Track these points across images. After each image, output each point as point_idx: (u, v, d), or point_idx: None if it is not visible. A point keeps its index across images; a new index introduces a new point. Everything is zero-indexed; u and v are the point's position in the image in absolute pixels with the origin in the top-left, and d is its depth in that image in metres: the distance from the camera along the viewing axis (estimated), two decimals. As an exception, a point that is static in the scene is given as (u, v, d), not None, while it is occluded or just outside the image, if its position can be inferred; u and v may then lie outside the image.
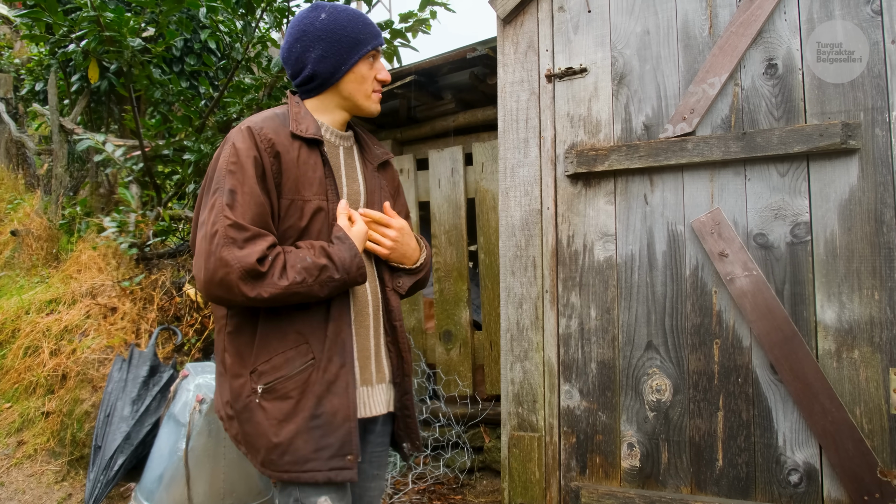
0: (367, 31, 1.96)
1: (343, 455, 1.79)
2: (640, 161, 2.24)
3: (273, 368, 1.81)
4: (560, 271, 2.41)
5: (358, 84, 1.97)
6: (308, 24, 1.96)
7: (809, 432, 2.04)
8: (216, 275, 1.70)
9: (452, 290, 4.27)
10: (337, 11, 1.96)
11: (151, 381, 3.89)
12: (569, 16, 2.43)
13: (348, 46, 1.94)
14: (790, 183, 2.09)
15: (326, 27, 1.94)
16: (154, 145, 5.09)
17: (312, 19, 1.96)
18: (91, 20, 4.34)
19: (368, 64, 1.97)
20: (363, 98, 1.98)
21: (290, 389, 1.81)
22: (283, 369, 1.81)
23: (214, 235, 1.70)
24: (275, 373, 1.81)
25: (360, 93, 1.98)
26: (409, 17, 4.96)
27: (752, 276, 2.10)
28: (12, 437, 4.06)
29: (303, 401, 1.80)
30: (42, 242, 5.52)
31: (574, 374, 2.37)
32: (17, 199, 6.87)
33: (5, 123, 7.89)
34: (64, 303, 4.57)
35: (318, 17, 1.96)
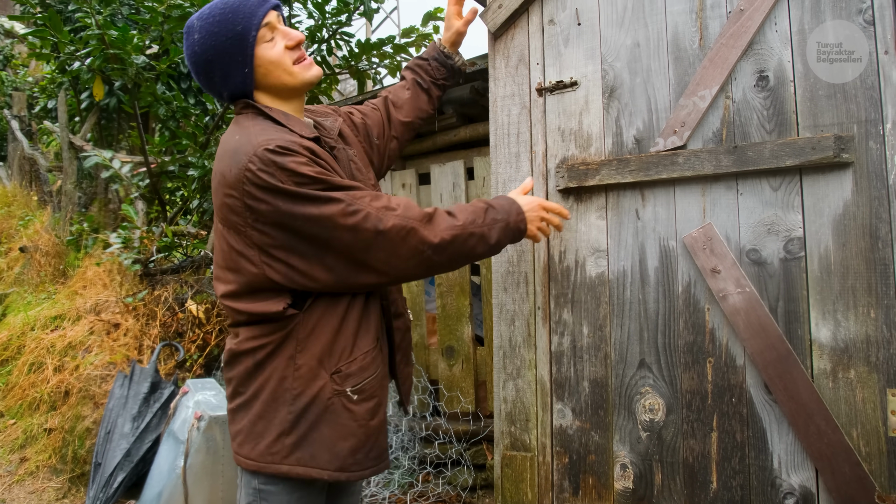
0: (240, 16, 1.75)
1: (386, 457, 1.92)
2: (631, 175, 2.20)
3: (360, 369, 1.81)
4: (552, 287, 2.37)
5: (274, 68, 1.81)
6: (191, 52, 1.82)
7: (805, 455, 1.98)
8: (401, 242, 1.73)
9: (454, 306, 4.23)
10: (204, 20, 1.78)
11: (152, 398, 3.89)
12: (559, 29, 2.40)
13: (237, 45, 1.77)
14: (783, 197, 2.04)
15: (205, 45, 1.77)
16: (160, 161, 5.12)
17: (191, 45, 1.81)
18: (96, 38, 4.38)
19: (268, 45, 1.80)
20: (289, 76, 1.83)
21: (375, 388, 1.84)
22: (370, 368, 1.83)
23: (365, 219, 1.69)
24: (362, 373, 1.81)
25: (284, 75, 1.82)
26: (412, 31, 4.97)
27: (745, 293, 2.05)
28: (15, 453, 4.07)
29: (381, 397, 1.87)
30: (50, 259, 5.57)
31: (567, 393, 2.33)
32: (29, 215, 6.94)
33: (18, 140, 7.99)
34: (69, 319, 4.59)
35: (194, 43, 1.80)
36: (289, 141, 1.69)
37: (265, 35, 1.78)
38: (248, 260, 1.73)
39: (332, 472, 1.75)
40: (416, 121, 2.36)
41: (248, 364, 1.80)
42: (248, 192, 1.67)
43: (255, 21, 1.75)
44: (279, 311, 1.74)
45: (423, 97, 2.37)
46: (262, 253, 1.72)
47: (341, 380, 1.77)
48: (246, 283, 1.76)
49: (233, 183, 1.69)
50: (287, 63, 1.82)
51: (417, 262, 1.76)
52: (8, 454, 4.04)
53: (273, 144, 1.67)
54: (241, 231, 1.73)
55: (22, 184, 8.21)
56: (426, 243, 1.75)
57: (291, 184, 1.65)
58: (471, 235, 1.81)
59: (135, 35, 4.49)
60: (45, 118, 7.72)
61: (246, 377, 1.81)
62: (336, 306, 1.80)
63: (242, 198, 1.68)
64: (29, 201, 7.70)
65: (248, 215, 1.70)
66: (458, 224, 1.79)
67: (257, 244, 1.72)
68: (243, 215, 1.70)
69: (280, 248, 1.71)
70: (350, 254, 1.72)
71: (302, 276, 1.72)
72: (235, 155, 1.70)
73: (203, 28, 1.76)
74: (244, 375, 1.81)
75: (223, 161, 1.75)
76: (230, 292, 1.79)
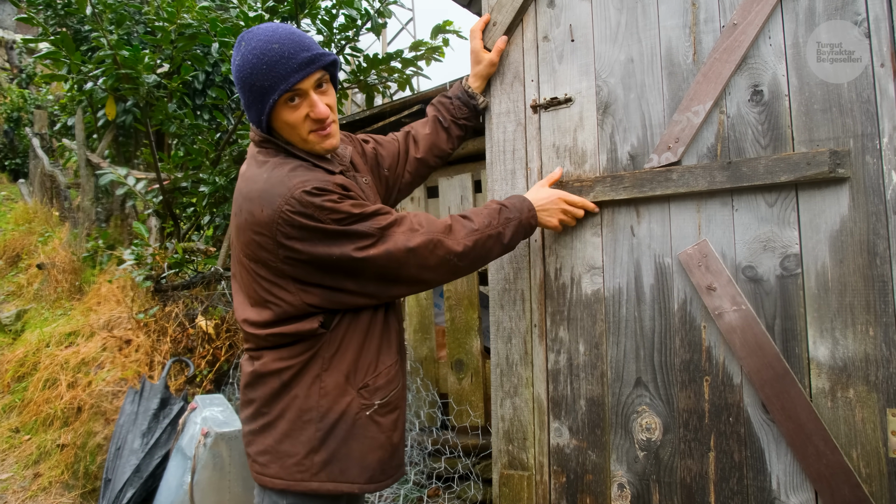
0: (271, 75, 1.72)
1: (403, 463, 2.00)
2: (626, 192, 2.18)
3: (387, 382, 1.89)
4: (548, 305, 2.35)
5: (289, 128, 1.82)
6: (232, 65, 1.84)
7: (804, 476, 1.94)
8: (429, 255, 1.85)
9: (463, 319, 4.22)
10: (250, 53, 1.76)
11: (162, 414, 3.91)
12: (553, 45, 2.39)
13: (258, 96, 1.77)
14: (779, 213, 2.01)
15: (239, 73, 1.78)
16: (173, 178, 5.17)
17: (233, 59, 1.82)
18: (108, 58, 4.44)
19: (289, 108, 1.78)
20: (301, 141, 1.84)
21: (398, 399, 1.92)
22: (395, 381, 1.91)
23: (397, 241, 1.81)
24: (388, 386, 1.89)
25: (296, 137, 1.83)
26: (420, 45, 4.99)
27: (741, 311, 2.02)
28: (29, 469, 4.11)
29: (402, 408, 1.95)
30: (66, 275, 5.64)
31: (563, 412, 2.31)
32: (48, 231, 7.04)
33: (39, 158, 8.12)
34: (82, 335, 4.64)
35: (235, 59, 1.81)
36: (322, 181, 1.75)
37: (288, 101, 1.77)
38: (284, 289, 1.80)
39: (363, 485, 1.82)
40: (432, 159, 2.37)
41: (274, 385, 1.84)
42: (282, 233, 1.72)
43: (283, 86, 1.73)
44: (314, 329, 1.81)
45: (441, 135, 2.38)
46: (296, 282, 1.79)
47: (369, 394, 1.84)
48: (282, 311, 1.81)
49: (265, 223, 1.73)
50: (303, 131, 1.82)
51: (445, 269, 1.90)
52: (22, 470, 4.09)
53: (310, 186, 1.72)
54: (272, 265, 1.79)
55: (43, 200, 8.33)
56: (451, 252, 1.88)
57: (331, 222, 1.72)
58: (489, 238, 1.95)
59: (146, 54, 4.54)
60: (66, 136, 7.84)
61: (271, 398, 1.84)
62: (359, 322, 1.88)
63: (275, 237, 1.73)
64: (50, 217, 7.82)
65: (281, 252, 1.75)
66: (476, 228, 1.94)
67: (290, 276, 1.79)
68: (275, 253, 1.76)
69: (315, 276, 1.80)
70: (383, 274, 1.82)
71: (339, 295, 1.83)
72: (267, 196, 1.73)
73: (244, 55, 1.76)
74: (269, 396, 1.84)
75: (252, 202, 1.77)
76: (265, 321, 1.83)
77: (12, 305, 6.22)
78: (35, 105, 10.67)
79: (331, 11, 4.62)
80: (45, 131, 8.64)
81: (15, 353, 4.86)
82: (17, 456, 4.17)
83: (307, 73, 1.76)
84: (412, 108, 4.21)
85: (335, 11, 4.65)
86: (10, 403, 4.61)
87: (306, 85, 1.77)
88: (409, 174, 2.32)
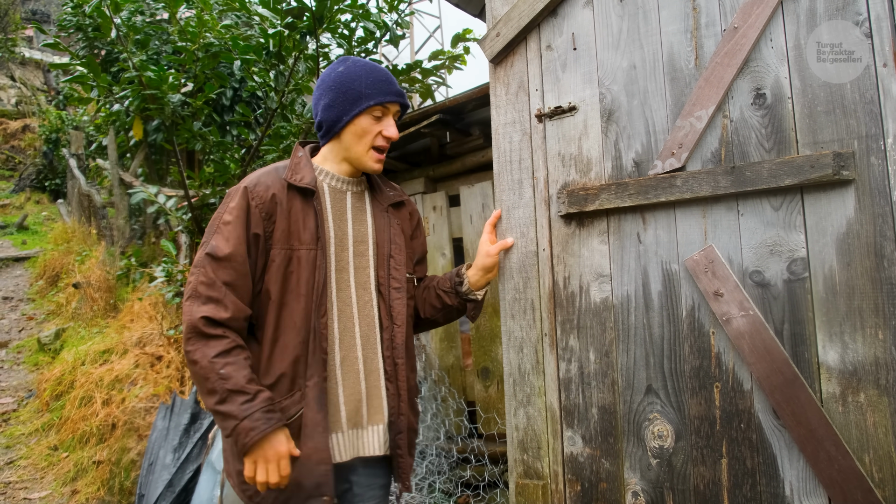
0: (375, 86, 1.98)
1: (319, 495, 1.87)
2: (631, 199, 2.18)
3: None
4: (558, 314, 2.35)
5: (357, 137, 2.00)
6: (327, 74, 2.06)
7: (817, 481, 1.91)
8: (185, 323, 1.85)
9: (488, 327, 4.23)
10: (356, 66, 2.02)
11: (192, 429, 3.98)
12: (556, 54, 2.40)
13: (352, 99, 1.98)
14: (784, 217, 1.99)
15: (339, 78, 2.01)
16: (201, 195, 5.27)
17: (331, 70, 2.06)
18: (133, 79, 4.55)
19: (372, 119, 2.00)
20: (361, 152, 2.02)
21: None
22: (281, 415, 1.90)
23: (189, 283, 1.87)
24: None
25: (359, 146, 2.01)
26: (439, 55, 5.02)
27: (749, 316, 2.00)
28: (67, 486, 4.22)
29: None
30: (102, 293, 5.78)
31: (576, 420, 2.31)
32: (86, 251, 7.21)
33: (76, 178, 8.33)
34: (116, 353, 4.75)
35: (336, 69, 2.04)
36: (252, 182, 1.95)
37: (377, 111, 2.01)
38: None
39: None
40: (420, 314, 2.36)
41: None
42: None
43: (380, 98, 1.99)
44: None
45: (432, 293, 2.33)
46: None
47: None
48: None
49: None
50: (367, 144, 2.03)
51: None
52: (61, 487, 4.19)
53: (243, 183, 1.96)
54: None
55: (81, 219, 8.54)
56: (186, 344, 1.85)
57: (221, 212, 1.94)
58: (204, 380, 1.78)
59: (170, 74, 4.64)
60: (101, 156, 8.03)
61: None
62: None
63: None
64: (88, 236, 8.01)
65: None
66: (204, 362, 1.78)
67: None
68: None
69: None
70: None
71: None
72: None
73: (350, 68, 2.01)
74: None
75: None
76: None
77: (52, 324, 6.39)
78: (72, 126, 10.95)
79: (349, 25, 4.68)
80: (82, 151, 8.85)
81: (53, 372, 5.00)
82: (56, 473, 4.29)
83: (398, 101, 2.02)
84: (430, 118, 4.24)
85: (354, 25, 4.71)
86: (48, 422, 4.74)
87: (393, 109, 2.04)
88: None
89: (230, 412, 1.75)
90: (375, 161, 2.05)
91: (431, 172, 4.78)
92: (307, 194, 1.97)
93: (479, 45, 2.52)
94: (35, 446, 4.61)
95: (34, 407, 5.02)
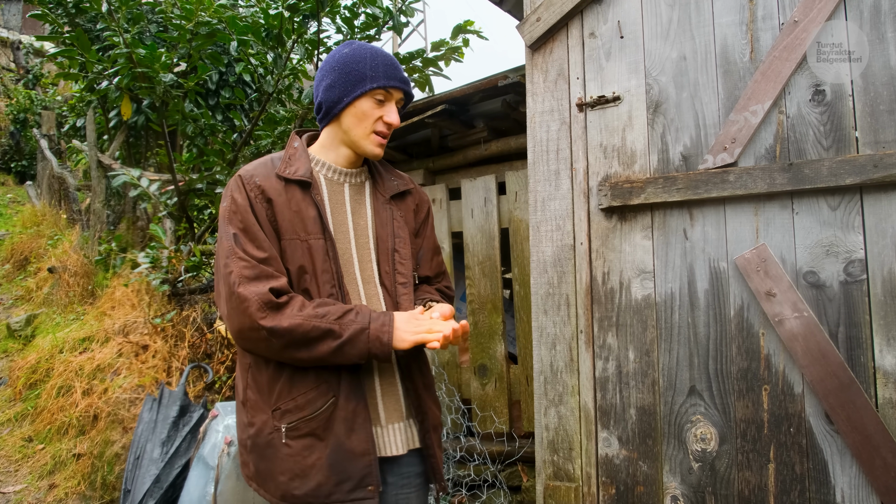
0: (379, 69, 1.89)
1: (364, 486, 1.81)
2: (679, 194, 2.11)
3: (297, 408, 1.82)
4: (595, 310, 2.28)
5: (357, 120, 1.91)
6: (331, 56, 1.98)
7: (871, 489, 1.86)
8: (237, 312, 1.73)
9: (487, 323, 4.14)
10: (362, 49, 1.94)
11: (181, 422, 3.82)
12: (600, 42, 2.32)
13: (355, 80, 1.90)
14: (842, 217, 1.94)
15: (343, 59, 1.92)
16: (188, 179, 5.09)
17: (336, 52, 1.97)
18: (124, 57, 4.36)
19: (374, 102, 1.90)
20: (362, 136, 1.91)
21: (315, 427, 1.82)
22: (307, 409, 1.82)
23: (230, 276, 1.75)
24: (299, 412, 1.82)
25: (360, 130, 1.91)
26: (441, 45, 4.91)
27: (803, 318, 1.95)
28: (44, 479, 4.02)
29: (327, 438, 1.82)
30: (78, 279, 5.55)
31: (612, 421, 2.23)
32: (57, 234, 6.96)
33: (47, 160, 8.05)
34: (97, 341, 4.55)
35: (341, 51, 1.96)
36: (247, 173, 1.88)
37: (379, 95, 1.90)
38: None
39: (277, 500, 1.82)
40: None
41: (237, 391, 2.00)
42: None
43: (383, 82, 1.89)
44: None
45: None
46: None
47: (279, 416, 1.82)
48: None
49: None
50: (368, 128, 1.91)
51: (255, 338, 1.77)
52: (37, 480, 4.00)
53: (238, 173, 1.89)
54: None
55: (51, 203, 8.25)
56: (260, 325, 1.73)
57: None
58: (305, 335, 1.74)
59: (163, 53, 4.47)
60: (74, 137, 7.76)
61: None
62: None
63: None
64: (58, 220, 7.73)
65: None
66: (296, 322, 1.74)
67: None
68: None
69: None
70: (219, 291, 1.82)
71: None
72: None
73: (355, 51, 1.92)
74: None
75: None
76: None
77: (21, 310, 6.13)
78: (42, 106, 10.60)
79: (352, 9, 4.55)
80: (54, 133, 8.55)
81: (27, 360, 4.77)
82: (31, 466, 4.09)
83: (402, 87, 1.92)
84: (435, 108, 4.14)
85: (357, 10, 4.58)
86: (22, 411, 4.52)
87: (396, 95, 1.92)
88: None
89: (353, 334, 1.73)
90: (377, 145, 1.94)
91: (431, 164, 4.68)
92: (304, 186, 1.89)
93: (518, 30, 2.43)
94: (8, 437, 4.40)
95: (6, 396, 4.79)
